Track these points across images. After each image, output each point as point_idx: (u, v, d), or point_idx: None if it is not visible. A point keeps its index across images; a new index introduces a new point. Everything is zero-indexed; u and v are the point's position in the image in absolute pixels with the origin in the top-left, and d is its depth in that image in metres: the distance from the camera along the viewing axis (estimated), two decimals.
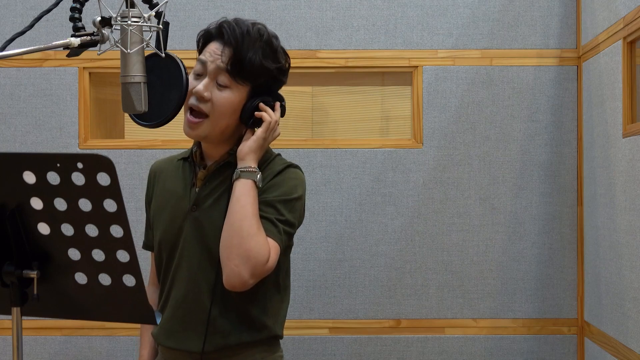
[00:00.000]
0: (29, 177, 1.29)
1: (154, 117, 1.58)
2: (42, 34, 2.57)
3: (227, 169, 1.76)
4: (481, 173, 2.64)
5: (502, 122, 2.64)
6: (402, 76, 2.69)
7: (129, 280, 1.33)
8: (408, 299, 2.65)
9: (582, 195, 2.63)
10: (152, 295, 1.96)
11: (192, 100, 1.71)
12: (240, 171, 1.69)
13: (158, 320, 1.37)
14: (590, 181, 2.54)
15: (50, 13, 1.36)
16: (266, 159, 1.79)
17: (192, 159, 1.82)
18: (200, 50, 1.78)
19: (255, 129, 1.75)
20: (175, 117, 1.62)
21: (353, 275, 2.65)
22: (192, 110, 1.71)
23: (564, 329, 2.65)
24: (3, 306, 1.37)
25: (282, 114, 1.80)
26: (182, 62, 1.61)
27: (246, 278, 1.65)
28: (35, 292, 1.33)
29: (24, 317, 1.36)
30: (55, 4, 1.38)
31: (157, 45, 1.43)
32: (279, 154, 1.85)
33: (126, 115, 1.78)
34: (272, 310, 1.80)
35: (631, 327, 2.18)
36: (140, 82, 1.38)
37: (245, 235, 1.64)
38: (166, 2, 1.39)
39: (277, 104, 1.78)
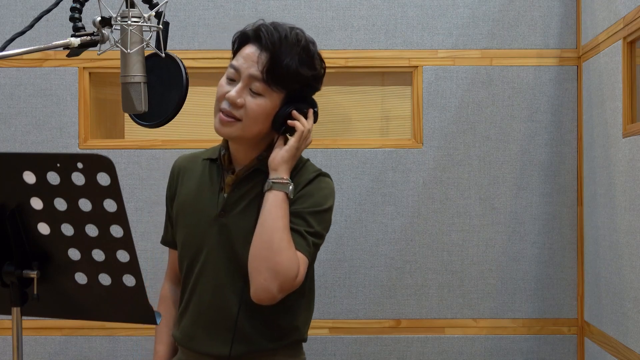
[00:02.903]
0: (29, 177, 1.29)
1: (154, 117, 1.58)
2: (42, 34, 2.57)
3: (256, 175, 1.73)
4: (481, 173, 2.64)
5: (502, 122, 2.64)
6: (402, 76, 2.69)
7: (129, 280, 1.33)
8: (408, 299, 2.65)
9: (582, 195, 2.63)
10: (168, 292, 1.94)
11: (224, 105, 1.68)
12: (272, 182, 1.67)
13: (158, 321, 1.37)
14: (590, 181, 2.54)
15: (50, 13, 1.36)
16: (297, 165, 1.76)
17: (220, 162, 1.79)
18: (235, 52, 1.74)
19: (288, 135, 1.72)
20: (175, 118, 1.62)
21: (353, 275, 2.65)
22: (223, 114, 1.69)
23: (564, 329, 2.65)
24: (3, 306, 1.37)
25: (315, 120, 1.78)
26: (182, 62, 1.60)
27: (275, 293, 1.63)
28: (35, 292, 1.33)
29: (24, 317, 1.36)
30: (55, 4, 1.38)
31: (157, 45, 1.43)
32: (308, 160, 1.81)
33: (126, 115, 1.78)
34: (299, 315, 1.78)
35: (631, 327, 2.18)
36: (140, 82, 1.38)
37: (275, 249, 1.62)
38: (166, 2, 1.39)
39: (310, 111, 1.74)
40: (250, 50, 1.70)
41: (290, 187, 1.67)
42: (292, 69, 1.67)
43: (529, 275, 2.65)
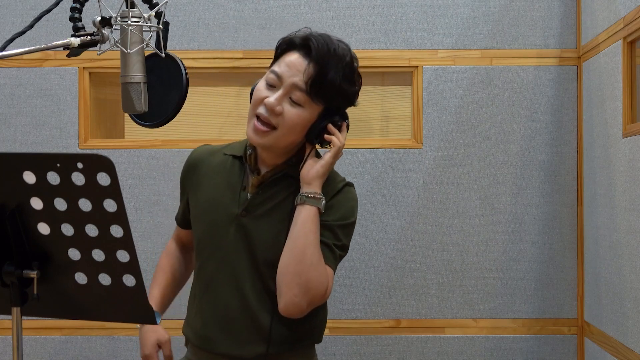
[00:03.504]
0: (29, 177, 1.29)
1: (154, 117, 1.58)
2: (42, 34, 2.57)
3: (283, 179, 1.72)
4: (481, 173, 2.64)
5: (502, 122, 2.64)
6: (402, 76, 2.69)
7: (129, 280, 1.33)
8: (408, 299, 2.65)
9: (582, 195, 2.63)
10: (173, 249, 1.94)
11: (260, 110, 1.66)
12: (306, 197, 1.65)
13: (158, 321, 1.37)
14: (590, 181, 2.54)
15: (50, 13, 1.36)
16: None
17: (245, 162, 1.77)
18: (277, 57, 1.71)
19: (318, 146, 1.71)
20: (175, 118, 1.62)
21: (353, 275, 2.65)
22: (259, 119, 1.67)
23: (564, 329, 2.65)
24: (3, 306, 1.37)
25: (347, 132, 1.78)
26: (182, 62, 1.60)
27: (304, 308, 1.64)
28: (35, 292, 1.33)
29: (24, 317, 1.36)
30: (55, 4, 1.38)
31: (157, 45, 1.43)
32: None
33: (126, 115, 1.78)
34: (315, 319, 1.78)
35: (631, 327, 2.18)
36: (140, 82, 1.38)
37: (307, 265, 1.61)
38: (166, 2, 1.39)
39: (344, 125, 1.74)
40: (295, 58, 1.66)
41: (323, 202, 1.67)
42: (336, 84, 1.65)
43: (529, 275, 2.64)
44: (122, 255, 1.31)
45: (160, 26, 1.40)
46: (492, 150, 2.64)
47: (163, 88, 1.56)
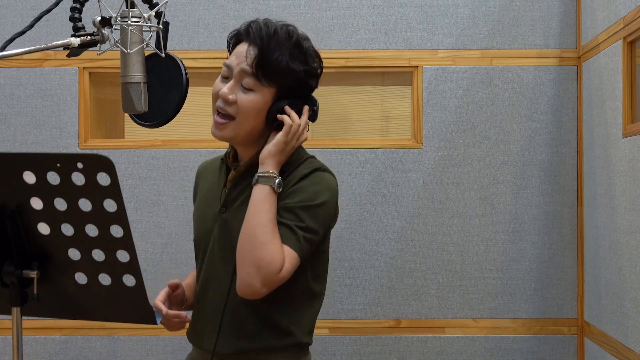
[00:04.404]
0: (29, 177, 1.29)
1: (154, 117, 1.58)
2: (42, 34, 2.57)
3: (255, 170, 1.73)
4: (481, 173, 2.64)
5: (502, 122, 2.64)
6: (402, 76, 2.69)
7: (129, 280, 1.33)
8: (408, 299, 2.65)
9: (582, 195, 2.63)
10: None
11: (218, 103, 1.70)
12: (259, 176, 1.66)
13: (158, 321, 1.37)
14: (590, 181, 2.54)
15: (50, 13, 1.36)
16: (295, 161, 1.74)
17: (225, 160, 1.81)
18: (230, 52, 1.75)
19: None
20: (175, 118, 1.62)
21: (353, 275, 2.65)
22: (219, 112, 1.70)
23: (564, 329, 2.65)
24: (3, 306, 1.37)
25: (314, 119, 1.76)
26: (182, 62, 1.60)
27: (258, 287, 1.62)
28: (35, 292, 1.34)
29: (24, 317, 1.36)
30: (55, 4, 1.38)
31: (157, 45, 1.43)
32: (311, 157, 1.79)
33: (126, 115, 1.78)
34: (298, 316, 1.76)
35: (631, 327, 2.18)
36: (140, 82, 1.38)
37: (257, 244, 1.61)
38: (166, 2, 1.39)
39: (306, 108, 1.73)
40: (242, 47, 1.71)
41: (277, 181, 1.66)
42: (282, 64, 1.67)
43: (529, 275, 2.64)
44: (122, 255, 1.31)
45: (160, 26, 1.40)
46: (492, 150, 2.64)
47: (163, 88, 1.56)
